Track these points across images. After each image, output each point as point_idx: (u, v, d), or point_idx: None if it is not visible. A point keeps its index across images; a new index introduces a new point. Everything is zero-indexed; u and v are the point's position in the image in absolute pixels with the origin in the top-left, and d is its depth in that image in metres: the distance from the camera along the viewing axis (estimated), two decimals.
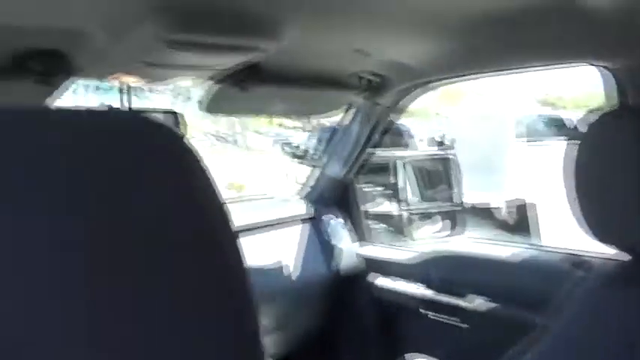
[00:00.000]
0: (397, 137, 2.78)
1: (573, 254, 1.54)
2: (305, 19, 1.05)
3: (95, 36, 0.96)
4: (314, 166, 2.26)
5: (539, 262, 1.63)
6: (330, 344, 2.15)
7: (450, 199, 2.46)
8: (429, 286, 1.85)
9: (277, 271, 1.91)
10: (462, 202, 2.42)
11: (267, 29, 1.00)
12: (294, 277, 1.94)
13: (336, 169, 2.16)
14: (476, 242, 1.86)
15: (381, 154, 2.25)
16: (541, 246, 1.76)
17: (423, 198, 2.64)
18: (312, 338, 2.09)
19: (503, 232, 5.62)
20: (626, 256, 0.82)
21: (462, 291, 1.74)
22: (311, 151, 2.38)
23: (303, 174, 2.37)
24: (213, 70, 1.16)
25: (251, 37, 1.01)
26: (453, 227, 2.38)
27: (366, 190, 2.36)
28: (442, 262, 1.86)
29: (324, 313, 2.07)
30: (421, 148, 3.10)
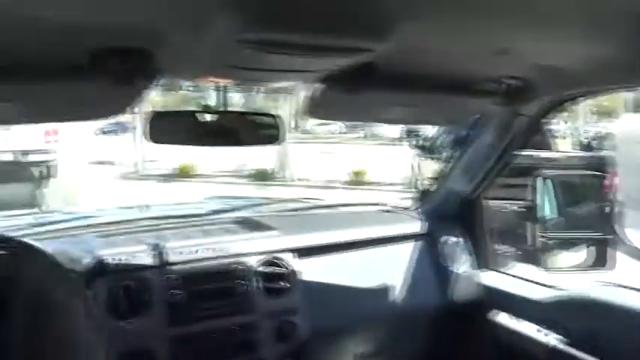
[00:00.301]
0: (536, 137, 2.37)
1: None
2: (425, 14, 0.82)
3: (181, 35, 0.84)
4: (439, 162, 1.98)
5: None
6: None
7: (601, 225, 2.04)
8: (565, 337, 1.52)
9: (381, 293, 1.71)
10: (615, 231, 2.01)
11: (375, 28, 0.79)
12: (399, 301, 1.72)
13: (461, 183, 1.88)
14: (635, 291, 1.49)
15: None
16: None
17: (566, 220, 2.26)
18: None
19: None
20: None
21: (608, 351, 1.41)
22: (440, 148, 2.10)
23: (428, 168, 2.10)
24: (311, 72, 0.98)
25: (357, 38, 0.82)
26: (601, 262, 1.97)
27: (493, 205, 2.05)
28: (585, 310, 1.52)
29: (429, 347, 1.83)
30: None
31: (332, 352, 1.66)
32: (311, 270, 1.60)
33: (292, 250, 1.58)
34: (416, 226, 1.87)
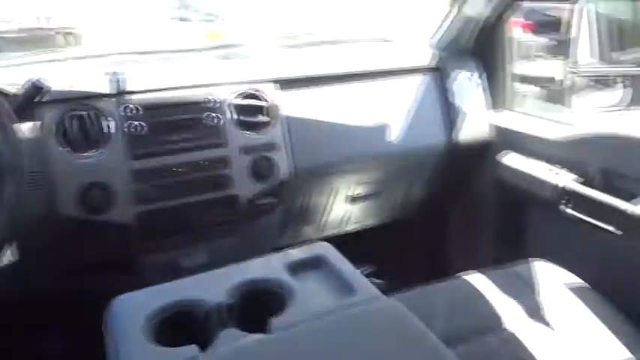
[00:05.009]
0: None
1: None
2: None
3: None
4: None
5: None
6: (437, 221, 1.80)
7: None
8: (580, 176, 1.35)
9: (380, 130, 1.54)
10: None
11: None
12: (399, 140, 1.55)
13: (479, 7, 1.60)
14: None
15: None
16: None
17: (603, 57, 1.97)
18: (414, 210, 1.76)
19: None
20: None
21: (626, 188, 1.23)
22: None
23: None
24: None
25: None
26: (638, 101, 1.73)
27: (518, 38, 1.78)
28: (603, 146, 1.32)
29: (434, 186, 1.69)
30: None
31: (319, 194, 1.54)
32: (297, 103, 1.44)
33: (274, 81, 1.40)
34: (425, 59, 1.64)
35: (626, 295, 1.15)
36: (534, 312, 1.13)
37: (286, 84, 1.41)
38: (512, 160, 1.54)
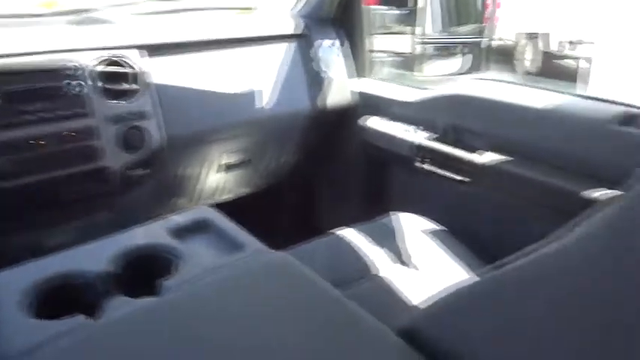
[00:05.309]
0: None
1: (627, 106, 1.16)
2: None
3: None
4: None
5: (577, 114, 1.24)
6: (305, 185, 1.88)
7: (479, 31, 1.99)
8: (432, 133, 1.50)
9: (248, 96, 1.56)
10: (491, 36, 1.96)
11: None
12: (268, 105, 1.59)
13: None
14: (498, 84, 1.46)
15: None
16: (585, 96, 1.35)
17: (445, 30, 2.18)
18: (286, 175, 1.82)
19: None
20: None
21: (471, 142, 1.40)
22: None
23: None
24: None
25: None
26: (476, 66, 1.95)
27: (375, 9, 1.90)
28: (451, 106, 1.49)
29: (303, 151, 1.76)
30: None
31: (193, 163, 1.53)
32: (167, 71, 1.40)
33: (139, 47, 1.35)
34: (290, 27, 1.68)
35: (476, 234, 1.32)
36: (401, 257, 1.25)
37: (153, 50, 1.37)
38: (373, 123, 1.66)
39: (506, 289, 0.64)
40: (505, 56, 5.35)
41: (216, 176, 1.64)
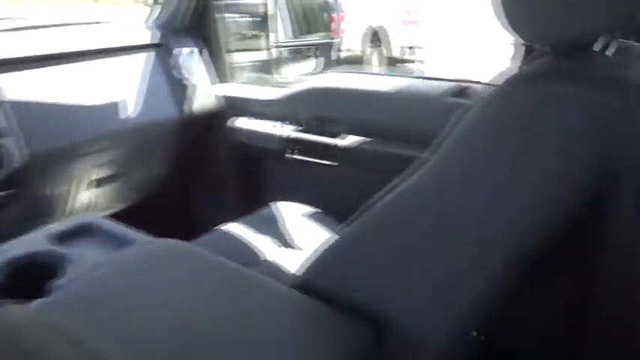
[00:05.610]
0: None
1: (455, 82, 1.36)
2: None
3: None
4: None
5: (419, 93, 1.43)
6: (183, 192, 1.89)
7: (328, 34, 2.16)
8: (297, 125, 1.61)
9: (112, 108, 1.54)
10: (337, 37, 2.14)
11: None
12: (134, 116, 1.58)
13: None
14: (350, 75, 1.61)
15: None
16: (425, 77, 1.55)
17: (296, 34, 2.33)
18: (161, 185, 1.81)
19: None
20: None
21: (333, 129, 1.53)
22: None
23: None
24: None
25: None
26: (328, 67, 2.11)
27: (229, 17, 1.98)
28: (311, 99, 1.61)
29: (177, 158, 1.77)
30: None
31: (61, 180, 1.47)
32: (23, 87, 1.34)
33: None
34: (146, 37, 1.69)
35: (349, 211, 1.44)
36: (285, 241, 1.33)
37: (5, 66, 1.31)
38: (242, 123, 1.73)
39: (365, 233, 0.84)
40: (355, 65, 5.80)
41: (88, 192, 1.59)
